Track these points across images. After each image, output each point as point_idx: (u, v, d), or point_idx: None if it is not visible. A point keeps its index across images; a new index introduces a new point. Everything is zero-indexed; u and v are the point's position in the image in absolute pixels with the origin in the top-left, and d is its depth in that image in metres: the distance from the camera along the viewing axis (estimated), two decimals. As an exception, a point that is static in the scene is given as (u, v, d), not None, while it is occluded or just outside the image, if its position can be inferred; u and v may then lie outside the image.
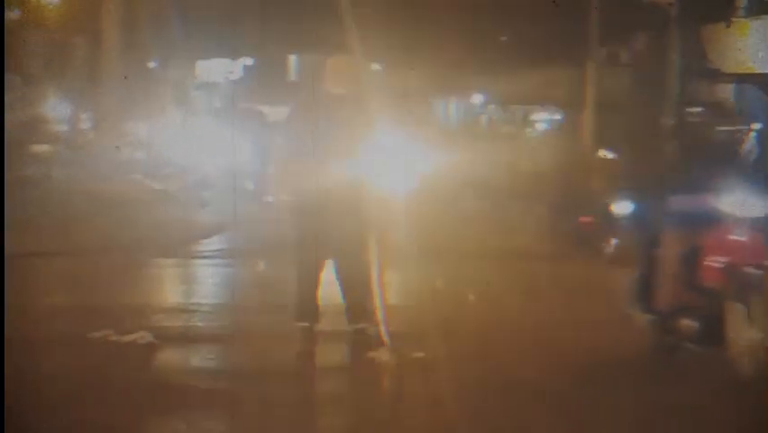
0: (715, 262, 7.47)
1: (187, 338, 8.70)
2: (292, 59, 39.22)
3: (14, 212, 17.16)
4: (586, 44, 26.20)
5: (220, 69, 39.22)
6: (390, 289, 9.66)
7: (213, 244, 15.48)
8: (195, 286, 12.18)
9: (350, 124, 8.00)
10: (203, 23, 34.51)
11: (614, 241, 12.29)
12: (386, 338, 7.94)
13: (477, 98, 33.50)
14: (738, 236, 7.46)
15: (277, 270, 8.71)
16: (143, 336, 8.27)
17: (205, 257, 14.11)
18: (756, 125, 7.86)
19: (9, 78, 31.72)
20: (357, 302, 8.08)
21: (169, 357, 8.11)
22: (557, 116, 29.59)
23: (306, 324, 8.11)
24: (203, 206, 19.77)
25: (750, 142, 7.80)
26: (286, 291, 8.49)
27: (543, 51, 26.90)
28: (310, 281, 8.10)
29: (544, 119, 30.55)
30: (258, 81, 36.15)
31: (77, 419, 6.31)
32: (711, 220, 7.54)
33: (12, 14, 32.08)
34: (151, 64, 38.21)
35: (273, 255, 11.51)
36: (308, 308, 8.11)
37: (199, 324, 9.42)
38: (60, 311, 9.76)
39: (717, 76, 9.52)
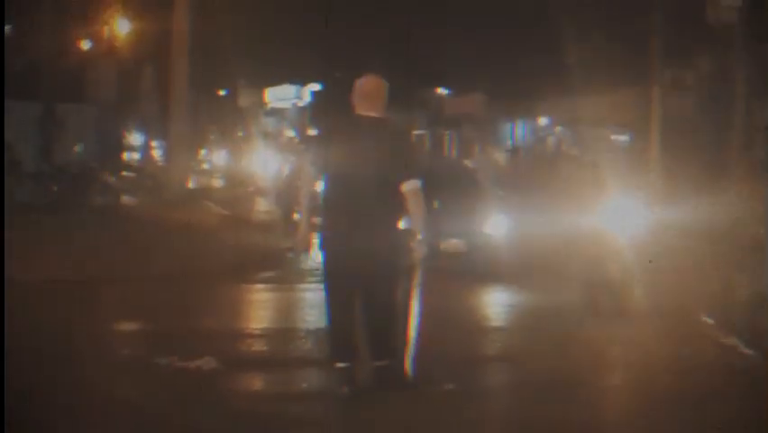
0: None
1: (250, 364, 8.83)
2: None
3: (87, 239, 17.46)
4: (651, 67, 26.17)
5: (288, 96, 39.55)
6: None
7: (279, 268, 15.55)
8: (263, 311, 12.28)
9: (392, 150, 7.30)
10: (270, 51, 34.85)
11: None
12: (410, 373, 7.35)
13: (543, 120, 33.52)
14: None
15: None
16: (208, 362, 8.36)
17: (270, 282, 14.25)
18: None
19: (84, 107, 32.30)
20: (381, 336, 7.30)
21: (233, 383, 8.21)
22: (623, 137, 29.45)
23: (345, 364, 7.31)
24: (274, 231, 19.84)
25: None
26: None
27: (608, 75, 26.91)
28: (344, 317, 7.36)
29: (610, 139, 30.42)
30: (324, 107, 36.39)
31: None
32: None
33: (84, 45, 32.66)
34: (222, 92, 38.64)
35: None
36: (345, 345, 7.34)
37: (261, 349, 9.55)
38: (128, 336, 9.95)
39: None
